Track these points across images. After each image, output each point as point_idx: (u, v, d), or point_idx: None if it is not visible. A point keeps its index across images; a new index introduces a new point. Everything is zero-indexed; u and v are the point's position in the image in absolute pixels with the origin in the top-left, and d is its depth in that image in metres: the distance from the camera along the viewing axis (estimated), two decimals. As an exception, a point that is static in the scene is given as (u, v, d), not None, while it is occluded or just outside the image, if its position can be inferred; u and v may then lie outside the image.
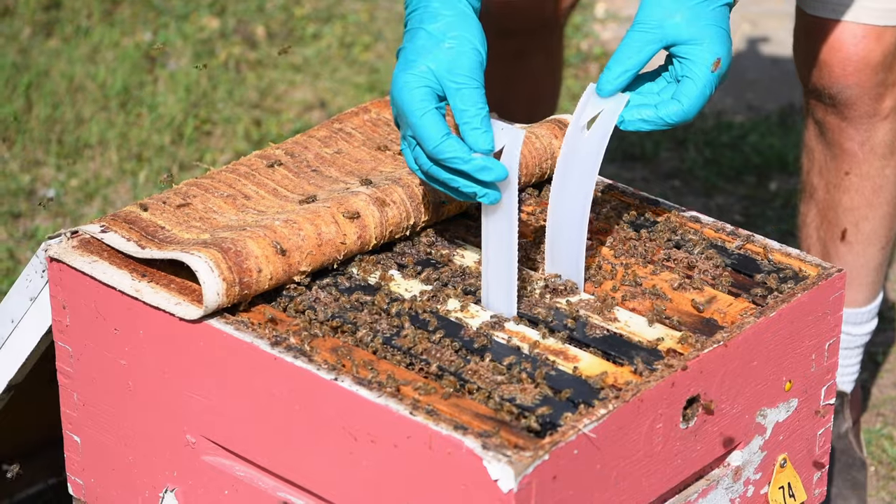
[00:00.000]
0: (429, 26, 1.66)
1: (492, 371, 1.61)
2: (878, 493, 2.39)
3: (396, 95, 1.66)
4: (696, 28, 1.68)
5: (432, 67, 1.65)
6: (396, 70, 1.67)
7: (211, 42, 3.52)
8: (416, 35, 1.67)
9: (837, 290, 1.78)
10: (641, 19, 1.69)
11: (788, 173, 3.13)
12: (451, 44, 1.65)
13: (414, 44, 1.66)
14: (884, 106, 2.17)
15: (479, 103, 1.64)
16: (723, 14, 1.70)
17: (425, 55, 1.65)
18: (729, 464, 1.73)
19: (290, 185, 1.86)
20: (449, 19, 1.67)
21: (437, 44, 1.65)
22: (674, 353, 1.65)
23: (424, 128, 1.63)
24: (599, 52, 3.56)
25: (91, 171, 3.04)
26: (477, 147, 1.63)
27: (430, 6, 1.67)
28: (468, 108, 1.64)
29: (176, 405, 1.72)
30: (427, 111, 1.63)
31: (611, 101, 1.70)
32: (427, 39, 1.66)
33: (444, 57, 1.65)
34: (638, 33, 1.69)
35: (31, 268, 1.82)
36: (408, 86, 1.64)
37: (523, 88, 2.42)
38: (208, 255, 1.67)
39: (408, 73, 1.65)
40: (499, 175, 1.63)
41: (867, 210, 2.24)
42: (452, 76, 1.64)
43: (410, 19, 1.69)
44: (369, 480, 1.59)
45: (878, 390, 2.60)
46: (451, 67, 1.64)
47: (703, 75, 1.68)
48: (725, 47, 1.69)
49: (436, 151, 1.63)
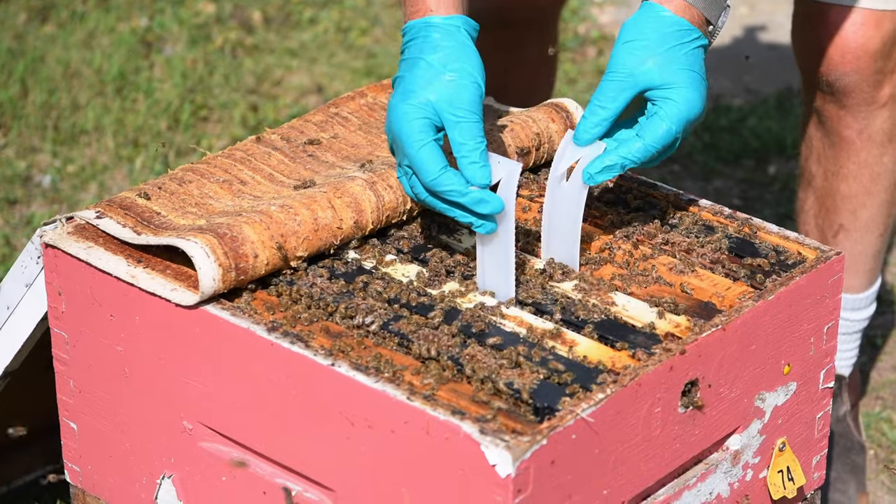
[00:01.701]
0: (429, 57, 1.67)
1: (489, 356, 1.60)
2: (877, 476, 2.39)
3: (394, 125, 1.66)
4: (669, 73, 1.69)
5: (431, 99, 1.66)
6: (395, 100, 1.67)
7: (207, 27, 3.51)
8: (416, 65, 1.67)
9: (836, 274, 1.77)
10: (613, 67, 1.71)
11: (787, 157, 3.12)
12: (452, 76, 1.66)
13: (413, 74, 1.67)
14: (882, 93, 2.16)
15: (477, 137, 1.65)
16: (696, 57, 1.71)
17: (425, 86, 1.66)
18: (728, 448, 1.73)
19: (287, 170, 1.86)
20: (449, 51, 1.67)
21: (437, 75, 1.66)
22: (672, 336, 1.65)
23: (422, 160, 1.64)
24: (597, 35, 3.55)
25: (87, 157, 3.04)
26: (475, 181, 1.64)
27: (430, 37, 1.67)
28: (467, 142, 1.65)
29: (172, 391, 1.71)
30: (425, 143, 1.64)
31: (588, 150, 1.71)
32: (427, 70, 1.66)
33: (444, 89, 1.66)
34: (611, 82, 1.70)
35: (26, 254, 1.81)
36: (406, 117, 1.65)
37: (520, 77, 2.42)
38: (204, 241, 1.66)
39: (406, 104, 1.65)
40: (495, 208, 1.65)
41: (865, 198, 2.23)
42: (453, 109, 1.65)
43: (408, 48, 1.70)
44: (367, 466, 1.59)
45: (877, 374, 2.59)
46: (451, 100, 1.65)
47: (672, 115, 1.69)
48: (699, 91, 1.70)
49: (433, 184, 1.64)
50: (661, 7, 1.71)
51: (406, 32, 1.70)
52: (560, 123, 1.93)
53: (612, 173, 1.70)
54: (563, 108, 1.94)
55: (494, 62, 2.34)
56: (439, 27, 1.68)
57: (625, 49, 1.70)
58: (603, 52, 3.50)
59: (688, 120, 1.70)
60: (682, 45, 1.70)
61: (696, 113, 1.70)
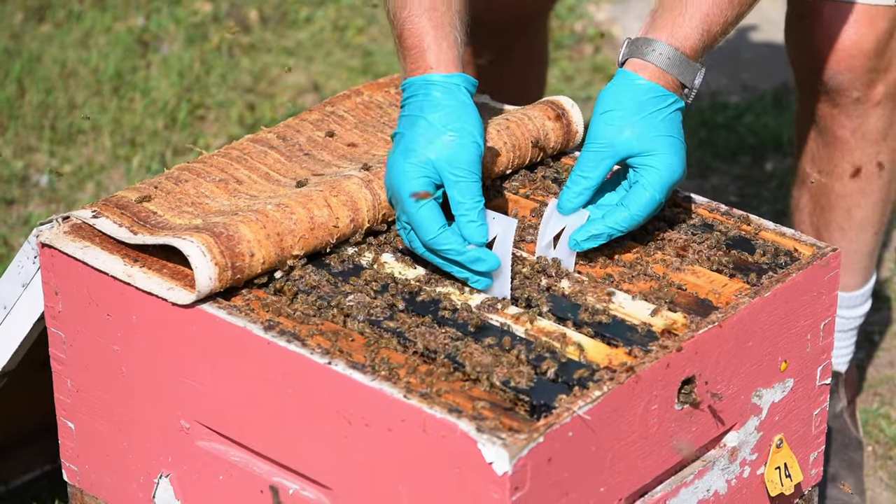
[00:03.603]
0: (430, 115, 1.69)
1: (486, 354, 1.60)
2: (875, 472, 2.39)
3: (394, 182, 1.69)
4: (647, 140, 1.72)
5: (432, 158, 1.68)
6: (395, 156, 1.70)
7: (204, 26, 3.50)
8: (417, 123, 1.69)
9: (832, 270, 1.77)
10: (592, 138, 1.74)
11: (783, 153, 3.12)
12: (452, 136, 1.68)
13: (414, 132, 1.69)
14: (875, 92, 2.16)
15: (476, 196, 1.68)
16: (673, 121, 1.73)
17: (425, 145, 1.68)
18: (725, 445, 1.73)
19: (283, 169, 1.86)
20: (449, 110, 1.69)
21: (438, 134, 1.68)
22: (668, 333, 1.65)
23: (422, 219, 1.67)
24: (594, 32, 3.55)
25: (84, 157, 3.03)
26: (472, 239, 1.68)
27: (431, 95, 1.69)
28: (465, 202, 1.68)
29: (169, 390, 1.71)
30: (424, 203, 1.67)
31: (572, 218, 1.74)
32: (428, 129, 1.68)
33: (444, 148, 1.68)
34: (591, 152, 1.73)
35: (22, 254, 1.81)
36: (406, 175, 1.68)
37: (509, 84, 2.43)
38: (200, 240, 1.66)
39: (407, 163, 1.68)
40: (491, 266, 1.68)
41: (859, 197, 2.24)
42: (452, 168, 1.68)
43: (408, 105, 1.71)
44: (364, 464, 1.59)
45: (874, 370, 2.59)
46: (451, 160, 1.68)
47: (654, 182, 1.72)
48: (678, 156, 1.73)
49: (432, 243, 1.67)
50: (636, 75, 1.73)
51: (406, 88, 1.73)
52: (556, 121, 1.93)
53: (598, 241, 1.73)
54: (558, 106, 1.94)
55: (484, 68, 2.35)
56: (440, 85, 1.70)
57: (603, 119, 1.73)
58: (599, 50, 3.50)
59: (669, 184, 1.73)
60: (659, 111, 1.73)
61: (678, 177, 1.74)
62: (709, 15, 1.74)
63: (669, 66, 1.73)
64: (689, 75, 1.74)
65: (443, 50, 1.71)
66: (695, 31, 1.74)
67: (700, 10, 1.74)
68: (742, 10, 1.77)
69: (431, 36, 1.71)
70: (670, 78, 1.74)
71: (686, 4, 1.74)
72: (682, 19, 1.74)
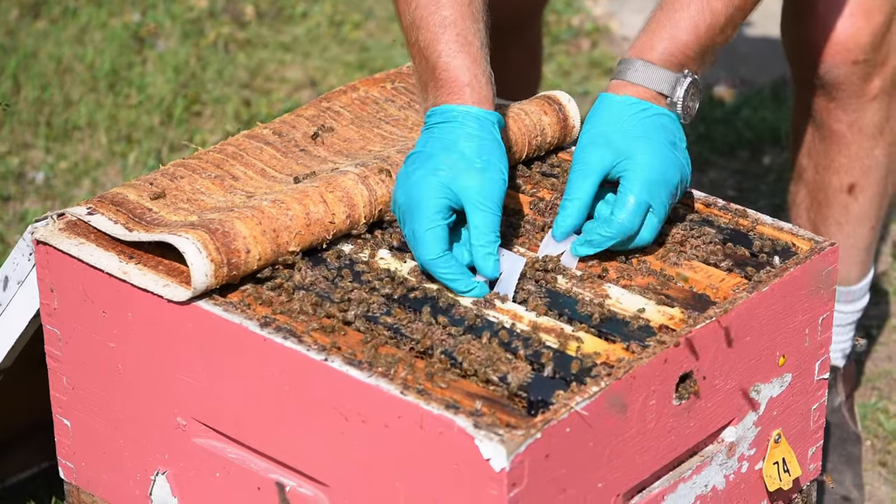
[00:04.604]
0: (464, 144, 1.70)
1: (483, 349, 1.60)
2: (873, 467, 2.38)
3: (414, 194, 1.68)
4: (623, 147, 1.72)
5: (461, 183, 1.68)
6: (422, 172, 1.69)
7: (199, 22, 3.50)
8: (451, 149, 1.70)
9: (830, 265, 1.77)
10: (574, 159, 1.75)
11: (781, 147, 3.11)
12: (485, 167, 1.69)
13: (447, 155, 1.70)
14: (872, 86, 2.15)
15: (496, 230, 1.69)
16: (652, 124, 1.73)
17: (457, 170, 1.69)
18: (723, 440, 1.72)
19: (278, 165, 1.85)
20: (484, 143, 1.71)
21: (471, 164, 1.69)
22: (666, 329, 1.64)
23: (427, 240, 1.68)
24: (591, 27, 3.54)
25: (80, 153, 3.03)
26: (483, 271, 1.69)
27: (468, 125, 1.71)
28: (486, 233, 1.69)
29: (166, 388, 1.71)
30: (434, 226, 1.68)
31: (565, 243, 1.74)
32: (461, 157, 1.70)
33: (476, 176, 1.69)
34: (573, 173, 1.75)
35: (17, 251, 1.81)
36: (428, 193, 1.68)
37: (505, 82, 2.44)
38: (196, 237, 1.65)
39: (435, 180, 1.68)
40: (480, 295, 1.69)
41: (857, 191, 2.23)
42: (482, 197, 1.69)
43: (440, 129, 1.72)
44: (361, 461, 1.58)
45: (872, 364, 2.59)
46: (481, 188, 1.69)
47: (633, 185, 1.71)
48: (656, 154, 1.72)
49: (430, 264, 1.68)
50: (611, 94, 1.75)
51: (438, 113, 1.73)
52: (553, 116, 1.92)
53: (593, 248, 1.73)
54: (555, 101, 1.94)
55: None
56: (477, 119, 1.72)
57: (581, 140, 1.75)
58: (597, 45, 3.49)
59: (650, 182, 1.71)
60: (633, 116, 1.73)
61: (659, 175, 1.72)
62: (695, 25, 1.75)
63: (643, 79, 1.75)
64: (663, 84, 1.74)
65: (483, 86, 1.73)
66: (665, 41, 1.75)
67: (678, 22, 1.75)
68: (733, 13, 1.76)
69: (472, 72, 1.73)
70: (640, 89, 1.75)
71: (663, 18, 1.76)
72: (656, 32, 1.76)
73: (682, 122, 1.77)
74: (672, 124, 1.75)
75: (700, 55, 1.76)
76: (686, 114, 1.77)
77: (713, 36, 1.76)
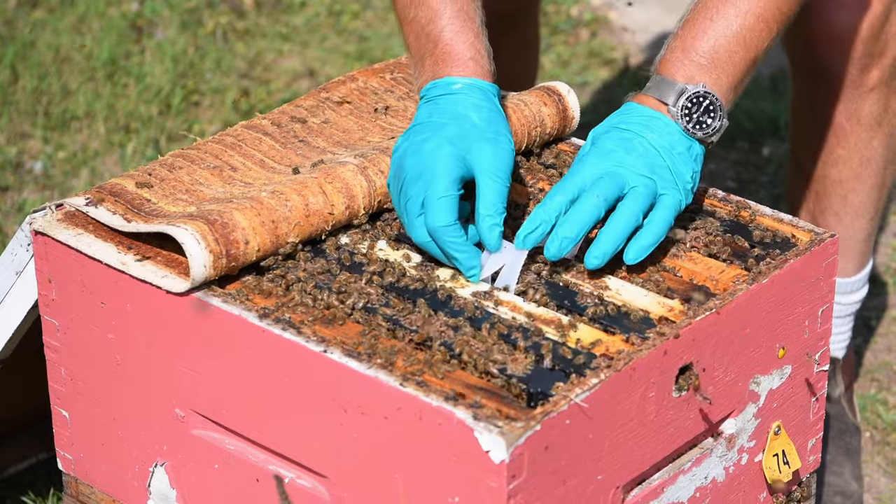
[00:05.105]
0: (474, 115, 1.70)
1: (482, 341, 1.60)
2: (872, 458, 2.38)
3: (428, 162, 1.67)
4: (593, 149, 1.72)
5: (476, 153, 1.68)
6: (437, 140, 1.68)
7: (198, 11, 3.49)
8: (462, 119, 1.70)
9: (830, 256, 1.77)
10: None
11: (780, 138, 3.11)
12: (495, 137, 1.70)
13: (460, 125, 1.69)
14: (870, 77, 2.15)
15: (504, 202, 1.68)
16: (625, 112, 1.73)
17: (471, 140, 1.69)
18: (722, 432, 1.72)
19: (277, 155, 1.85)
20: (492, 114, 1.72)
21: (483, 133, 1.70)
22: (666, 321, 1.64)
23: (440, 208, 1.66)
24: (590, 17, 3.53)
25: (78, 143, 3.02)
26: (487, 244, 1.68)
27: (474, 96, 1.72)
28: (495, 203, 1.68)
29: (164, 379, 1.71)
30: (448, 194, 1.66)
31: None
32: (472, 128, 1.70)
33: (488, 147, 1.69)
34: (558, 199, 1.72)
35: (15, 241, 1.80)
36: (449, 161, 1.67)
37: (500, 72, 2.44)
38: (195, 228, 1.65)
39: (452, 150, 1.67)
40: (475, 279, 1.68)
41: (855, 182, 2.23)
42: (494, 168, 1.68)
43: (445, 100, 1.72)
44: (360, 452, 1.58)
45: (871, 355, 2.59)
46: (494, 159, 1.68)
47: (580, 167, 1.70)
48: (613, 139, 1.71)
49: (440, 231, 1.66)
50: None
51: (441, 85, 1.73)
52: (552, 107, 1.92)
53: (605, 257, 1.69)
54: (555, 92, 1.93)
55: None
56: (483, 90, 1.73)
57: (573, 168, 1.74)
58: (596, 35, 3.48)
59: (599, 164, 1.69)
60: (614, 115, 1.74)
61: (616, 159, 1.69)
62: (704, 32, 1.74)
63: (648, 89, 1.75)
64: (665, 90, 1.74)
65: (485, 61, 1.75)
66: (673, 49, 1.75)
67: (690, 30, 1.75)
68: (750, 23, 1.75)
69: (475, 46, 1.74)
70: (640, 97, 1.75)
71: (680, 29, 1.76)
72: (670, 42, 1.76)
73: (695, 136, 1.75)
74: (655, 119, 1.73)
75: (708, 57, 1.75)
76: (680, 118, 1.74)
77: (728, 41, 1.76)
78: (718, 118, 1.74)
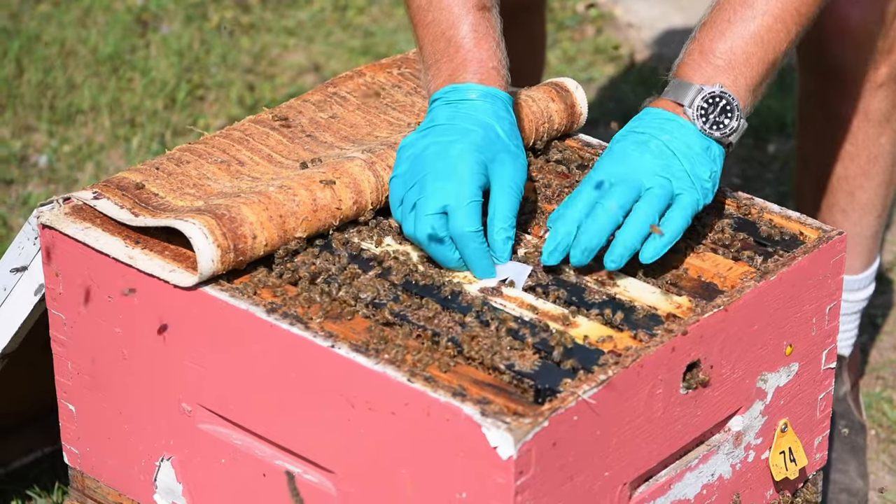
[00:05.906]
0: (500, 127, 1.72)
1: (490, 337, 1.59)
2: (878, 456, 2.38)
3: (455, 165, 1.67)
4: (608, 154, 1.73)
5: (495, 166, 1.69)
6: (462, 145, 1.69)
7: (203, 6, 3.49)
8: (489, 128, 1.71)
9: (838, 254, 1.76)
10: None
11: (786, 135, 3.11)
12: (517, 151, 1.72)
13: (486, 134, 1.70)
14: (879, 73, 2.15)
15: (516, 215, 1.70)
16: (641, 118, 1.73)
17: (494, 152, 1.70)
18: (730, 429, 1.72)
19: (285, 150, 1.85)
20: (513, 127, 1.74)
21: (507, 145, 1.71)
22: (673, 317, 1.64)
23: (470, 212, 1.67)
24: (596, 14, 3.53)
25: (84, 137, 3.02)
26: (498, 253, 1.69)
27: (498, 107, 1.73)
28: (509, 216, 1.69)
29: (171, 373, 1.70)
30: (476, 200, 1.68)
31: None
32: (497, 139, 1.71)
33: (511, 160, 1.71)
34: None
35: (23, 235, 1.80)
36: (470, 170, 1.68)
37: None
38: (202, 222, 1.65)
39: (481, 158, 1.68)
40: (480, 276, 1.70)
41: (863, 179, 2.22)
42: (513, 182, 1.70)
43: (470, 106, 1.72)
44: (367, 448, 1.58)
45: (877, 353, 2.58)
46: (514, 172, 1.70)
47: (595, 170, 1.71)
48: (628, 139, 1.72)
49: (468, 237, 1.67)
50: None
51: (463, 90, 1.73)
52: (560, 103, 1.92)
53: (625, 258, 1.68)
54: (563, 88, 1.93)
55: None
56: (504, 101, 1.74)
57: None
58: (602, 31, 3.48)
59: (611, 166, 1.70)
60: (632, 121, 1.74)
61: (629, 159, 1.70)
62: (719, 31, 1.73)
63: (665, 93, 1.75)
64: (680, 91, 1.73)
65: (505, 71, 1.76)
66: (690, 52, 1.74)
67: (707, 33, 1.74)
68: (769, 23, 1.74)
69: (497, 56, 1.75)
70: (659, 101, 1.75)
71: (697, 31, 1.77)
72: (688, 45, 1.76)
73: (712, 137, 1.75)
74: (668, 123, 1.73)
75: (726, 57, 1.74)
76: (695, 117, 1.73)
77: (746, 42, 1.75)
78: (736, 118, 1.73)
